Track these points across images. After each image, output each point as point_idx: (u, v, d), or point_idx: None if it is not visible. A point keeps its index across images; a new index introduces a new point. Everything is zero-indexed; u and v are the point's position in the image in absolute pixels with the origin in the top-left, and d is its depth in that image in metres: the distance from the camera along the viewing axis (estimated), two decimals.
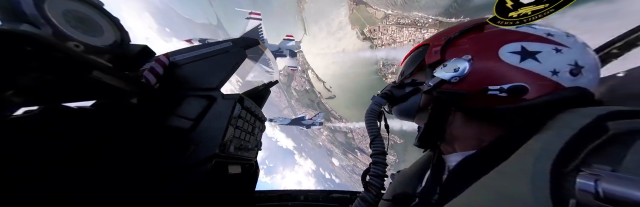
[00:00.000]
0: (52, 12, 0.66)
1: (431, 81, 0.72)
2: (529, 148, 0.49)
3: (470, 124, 0.71)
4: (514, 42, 0.65)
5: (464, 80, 0.67)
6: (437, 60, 0.74)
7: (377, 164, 0.72)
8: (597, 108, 0.50)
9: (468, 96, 0.66)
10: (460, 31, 0.76)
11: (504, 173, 0.48)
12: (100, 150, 0.71)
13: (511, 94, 0.61)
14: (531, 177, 0.42)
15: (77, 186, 0.64)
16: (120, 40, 0.84)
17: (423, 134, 0.81)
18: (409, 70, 0.89)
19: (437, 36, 0.83)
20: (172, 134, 0.81)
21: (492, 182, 0.49)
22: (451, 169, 0.74)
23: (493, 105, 0.64)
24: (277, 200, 1.66)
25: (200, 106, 0.92)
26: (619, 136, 0.41)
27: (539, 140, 0.49)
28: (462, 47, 0.74)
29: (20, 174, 0.57)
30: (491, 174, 0.50)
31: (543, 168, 0.41)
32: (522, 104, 0.60)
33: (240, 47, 1.21)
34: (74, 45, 0.67)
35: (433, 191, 0.78)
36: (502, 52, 0.65)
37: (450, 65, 0.68)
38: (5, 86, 0.55)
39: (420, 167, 1.00)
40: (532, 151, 0.47)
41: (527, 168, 0.44)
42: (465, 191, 0.52)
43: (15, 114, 0.59)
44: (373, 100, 0.88)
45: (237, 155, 0.94)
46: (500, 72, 0.64)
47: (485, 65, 0.66)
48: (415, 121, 0.92)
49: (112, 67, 0.71)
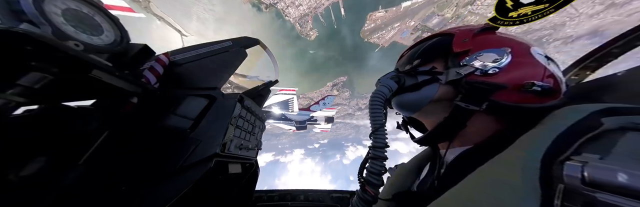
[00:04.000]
0: (52, 11, 0.65)
1: (462, 70, 0.65)
2: (523, 140, 0.50)
3: (481, 120, 0.67)
4: (536, 47, 0.69)
5: (502, 72, 0.63)
6: (466, 50, 0.69)
7: (377, 160, 0.65)
8: (592, 105, 0.51)
9: (506, 90, 0.62)
10: (483, 27, 0.75)
11: (498, 162, 0.50)
12: (100, 149, 0.71)
13: (545, 92, 0.61)
14: (523, 164, 0.43)
15: (76, 185, 0.64)
16: (120, 39, 0.84)
17: (438, 130, 0.73)
18: (424, 59, 0.79)
19: (461, 28, 0.79)
20: (173, 134, 0.80)
21: (486, 171, 0.50)
22: (449, 163, 0.73)
23: (524, 102, 0.62)
24: (277, 200, 1.66)
25: (200, 105, 0.91)
26: (610, 131, 0.42)
27: (533, 133, 0.50)
28: (496, 40, 0.71)
29: (20, 172, 0.57)
30: (487, 164, 0.52)
31: (534, 157, 0.43)
32: (548, 103, 0.62)
33: (240, 46, 1.21)
34: (73, 44, 0.67)
35: (430, 184, 0.75)
36: (534, 52, 0.67)
37: (488, 56, 0.64)
38: (5, 86, 0.54)
39: (419, 162, 0.99)
40: (526, 142, 0.49)
41: (519, 157, 0.45)
42: (460, 182, 0.53)
43: (15, 113, 0.58)
44: (382, 83, 0.75)
45: (237, 154, 0.94)
46: (538, 70, 0.64)
47: (525, 60, 0.65)
48: (418, 114, 0.83)
49: (112, 66, 0.71)
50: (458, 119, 0.67)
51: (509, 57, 0.62)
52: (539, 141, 0.46)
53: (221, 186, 1.15)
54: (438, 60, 0.76)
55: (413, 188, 0.88)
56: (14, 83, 0.55)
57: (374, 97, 0.72)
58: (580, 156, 0.39)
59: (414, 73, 0.76)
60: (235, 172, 1.02)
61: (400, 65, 0.88)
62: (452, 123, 0.69)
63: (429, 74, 0.73)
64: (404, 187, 0.91)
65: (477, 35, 0.73)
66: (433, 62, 0.77)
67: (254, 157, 1.20)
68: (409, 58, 0.85)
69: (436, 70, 0.73)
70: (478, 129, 0.68)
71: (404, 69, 0.83)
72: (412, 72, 0.77)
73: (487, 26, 0.75)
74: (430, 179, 0.78)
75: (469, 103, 0.64)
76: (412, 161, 1.03)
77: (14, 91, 0.55)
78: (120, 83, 0.75)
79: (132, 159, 0.73)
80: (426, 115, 0.82)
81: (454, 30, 0.79)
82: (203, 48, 1.16)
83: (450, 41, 0.74)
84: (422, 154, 1.04)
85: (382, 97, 0.72)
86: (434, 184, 0.72)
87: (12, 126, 0.58)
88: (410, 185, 0.91)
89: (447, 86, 0.70)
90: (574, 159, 0.39)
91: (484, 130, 0.67)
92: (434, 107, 0.74)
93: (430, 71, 0.74)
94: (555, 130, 0.46)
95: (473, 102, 0.63)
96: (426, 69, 0.75)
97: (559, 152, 0.42)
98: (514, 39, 0.72)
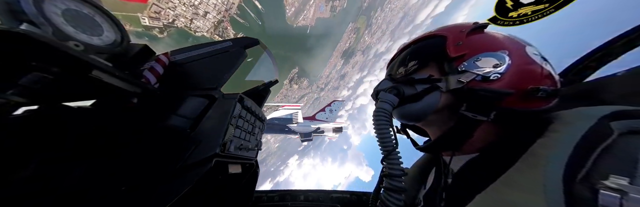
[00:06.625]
0: (52, 12, 0.65)
1: (463, 77, 0.62)
2: (536, 154, 0.48)
3: (485, 126, 0.63)
4: (530, 46, 0.66)
5: (503, 77, 0.60)
6: (462, 55, 0.65)
7: (394, 192, 0.57)
8: (598, 108, 0.50)
9: (510, 96, 0.59)
10: (473, 27, 0.71)
11: (514, 182, 0.47)
12: (100, 149, 0.71)
13: (549, 95, 0.59)
14: (544, 188, 0.40)
15: (76, 185, 0.64)
16: (120, 39, 0.84)
17: (443, 140, 0.69)
18: (417, 65, 0.74)
19: (451, 29, 0.74)
20: (173, 134, 0.80)
21: (502, 192, 0.47)
22: (456, 173, 0.70)
23: (528, 107, 0.60)
24: (277, 200, 1.66)
25: (200, 105, 0.91)
26: (623, 137, 0.41)
27: (545, 145, 0.48)
28: (490, 41, 0.67)
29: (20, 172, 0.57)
30: (500, 182, 0.49)
31: (555, 178, 0.40)
32: (550, 105, 0.60)
33: (241, 46, 1.21)
34: (73, 44, 0.67)
35: (439, 196, 0.72)
36: (530, 52, 0.64)
37: (486, 60, 0.60)
38: (5, 86, 0.54)
39: (422, 170, 0.95)
40: (540, 157, 0.46)
41: (537, 177, 0.43)
42: (474, 201, 0.50)
43: (15, 113, 0.58)
44: (381, 98, 0.70)
45: (237, 155, 0.94)
46: (537, 72, 0.62)
47: (524, 62, 0.61)
48: (423, 123, 0.80)
49: (112, 66, 0.71)
50: (465, 129, 0.63)
51: (508, 60, 0.60)
52: (554, 156, 0.43)
53: (221, 186, 1.15)
54: (432, 65, 0.73)
55: (419, 198, 0.85)
56: (14, 83, 0.55)
57: (378, 116, 0.66)
58: (609, 180, 0.37)
59: (411, 82, 0.72)
60: (235, 173, 1.02)
61: (393, 72, 0.83)
62: (458, 133, 0.65)
63: (428, 82, 0.69)
64: (410, 197, 0.88)
65: (469, 36, 0.70)
66: (428, 67, 0.73)
67: (253, 157, 1.20)
68: (401, 63, 0.80)
69: (433, 77, 0.69)
70: (480, 135, 0.65)
71: (397, 75, 0.79)
72: (408, 80, 0.72)
73: (476, 26, 0.72)
74: (437, 189, 0.75)
75: (476, 113, 0.60)
76: (414, 168, 0.99)
77: (14, 91, 0.55)
78: (120, 83, 0.75)
79: (132, 159, 0.73)
80: (429, 124, 0.79)
81: (443, 31, 0.75)
82: (203, 48, 1.16)
83: (442, 44, 0.71)
84: (422, 160, 1.01)
85: (387, 115, 0.66)
86: (442, 196, 0.69)
87: (12, 126, 0.58)
88: (416, 194, 0.88)
89: (448, 94, 0.67)
90: (605, 186, 0.37)
91: (487, 135, 0.65)
92: (436, 116, 0.71)
93: (429, 79, 0.69)
94: (568, 141, 0.44)
95: (480, 112, 0.60)
96: (423, 76, 0.71)
97: (578, 167, 0.40)
98: (507, 39, 0.69)
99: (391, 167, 0.61)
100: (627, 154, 0.39)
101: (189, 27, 21.75)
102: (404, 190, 0.58)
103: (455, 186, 0.68)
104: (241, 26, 25.34)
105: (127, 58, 0.87)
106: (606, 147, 0.41)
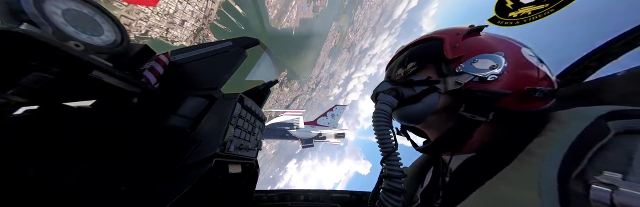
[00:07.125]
0: (52, 12, 0.65)
1: (461, 78, 0.63)
2: (532, 152, 0.48)
3: (484, 127, 0.64)
4: (526, 48, 0.67)
5: (500, 78, 0.61)
6: (459, 57, 0.67)
7: (394, 193, 0.58)
8: (595, 108, 0.50)
9: (508, 97, 0.60)
10: (469, 30, 0.72)
11: (509, 179, 0.47)
12: (99, 149, 0.71)
13: (546, 96, 0.60)
14: (538, 184, 0.41)
15: (76, 185, 0.64)
16: (121, 39, 0.84)
17: (442, 141, 0.70)
18: (416, 67, 0.76)
19: (448, 32, 0.76)
20: (173, 134, 0.80)
21: (497, 189, 0.48)
22: (453, 172, 0.71)
23: (525, 107, 0.61)
24: (277, 200, 1.66)
25: (200, 105, 0.91)
26: (620, 137, 0.41)
27: (541, 144, 0.48)
28: (487, 43, 0.69)
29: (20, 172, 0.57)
30: (496, 179, 0.49)
31: (550, 175, 0.41)
32: (547, 106, 0.61)
33: (241, 46, 1.21)
34: (74, 44, 0.67)
35: (435, 194, 0.73)
36: (525, 54, 0.65)
37: (483, 62, 0.62)
38: (5, 85, 0.54)
39: (420, 169, 0.96)
40: (536, 155, 0.47)
41: (532, 175, 0.43)
42: (470, 197, 0.51)
43: (15, 113, 0.58)
44: (381, 100, 0.71)
45: (237, 154, 0.94)
46: (534, 73, 0.63)
47: (520, 64, 0.63)
48: (423, 125, 0.81)
49: (112, 66, 0.71)
50: (464, 129, 0.64)
51: (505, 62, 0.61)
52: (550, 154, 0.44)
53: (221, 186, 1.15)
54: (430, 67, 0.74)
55: (416, 197, 0.86)
56: (14, 83, 0.55)
57: (378, 117, 0.66)
58: (601, 175, 0.38)
59: (409, 83, 0.73)
60: (235, 173, 1.02)
61: (392, 74, 0.85)
62: (457, 134, 0.66)
63: (426, 84, 0.70)
64: (407, 195, 0.89)
65: (466, 38, 0.71)
66: (426, 69, 0.75)
67: (254, 157, 1.20)
68: (400, 65, 0.82)
69: (432, 78, 0.71)
70: (478, 135, 0.66)
71: (396, 77, 0.81)
72: (407, 82, 0.74)
73: (473, 28, 0.74)
74: (434, 187, 0.77)
75: (474, 113, 0.61)
76: (412, 167, 1.01)
77: (14, 91, 0.55)
78: (120, 83, 0.75)
79: (132, 159, 0.73)
80: (428, 125, 0.80)
81: (440, 34, 0.77)
82: (203, 48, 1.16)
83: (440, 46, 0.72)
84: (420, 159, 1.02)
85: (386, 116, 0.67)
86: (439, 194, 0.70)
87: (12, 126, 0.58)
88: (414, 193, 0.89)
89: (447, 95, 0.69)
90: (598, 181, 0.38)
91: (485, 135, 0.66)
92: (435, 117, 0.72)
93: (427, 80, 0.71)
94: (564, 140, 0.45)
95: (478, 113, 0.61)
96: (422, 78, 0.72)
97: (573, 165, 0.41)
98: (503, 40, 0.70)
99: (391, 168, 0.61)
100: (622, 152, 0.39)
101: (165, 37, 20.27)
102: (403, 191, 0.59)
103: (452, 185, 0.69)
104: (223, 32, 24.26)
105: (127, 58, 0.87)
106: (602, 146, 0.41)
